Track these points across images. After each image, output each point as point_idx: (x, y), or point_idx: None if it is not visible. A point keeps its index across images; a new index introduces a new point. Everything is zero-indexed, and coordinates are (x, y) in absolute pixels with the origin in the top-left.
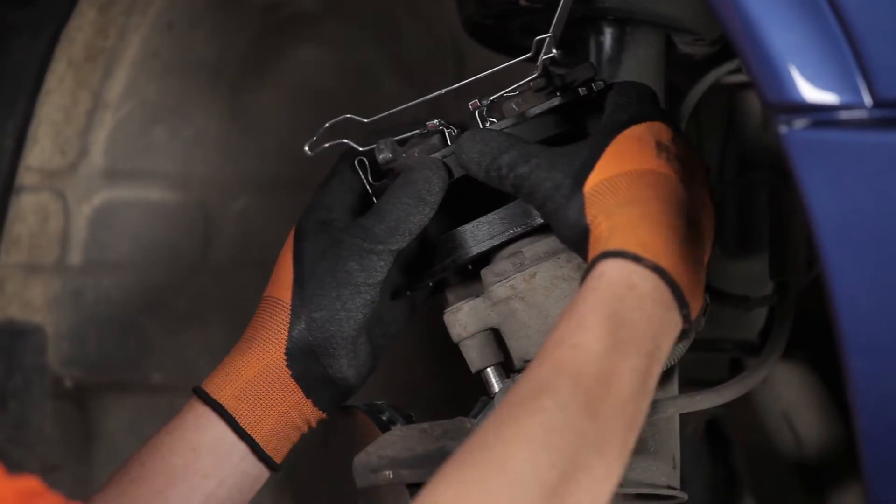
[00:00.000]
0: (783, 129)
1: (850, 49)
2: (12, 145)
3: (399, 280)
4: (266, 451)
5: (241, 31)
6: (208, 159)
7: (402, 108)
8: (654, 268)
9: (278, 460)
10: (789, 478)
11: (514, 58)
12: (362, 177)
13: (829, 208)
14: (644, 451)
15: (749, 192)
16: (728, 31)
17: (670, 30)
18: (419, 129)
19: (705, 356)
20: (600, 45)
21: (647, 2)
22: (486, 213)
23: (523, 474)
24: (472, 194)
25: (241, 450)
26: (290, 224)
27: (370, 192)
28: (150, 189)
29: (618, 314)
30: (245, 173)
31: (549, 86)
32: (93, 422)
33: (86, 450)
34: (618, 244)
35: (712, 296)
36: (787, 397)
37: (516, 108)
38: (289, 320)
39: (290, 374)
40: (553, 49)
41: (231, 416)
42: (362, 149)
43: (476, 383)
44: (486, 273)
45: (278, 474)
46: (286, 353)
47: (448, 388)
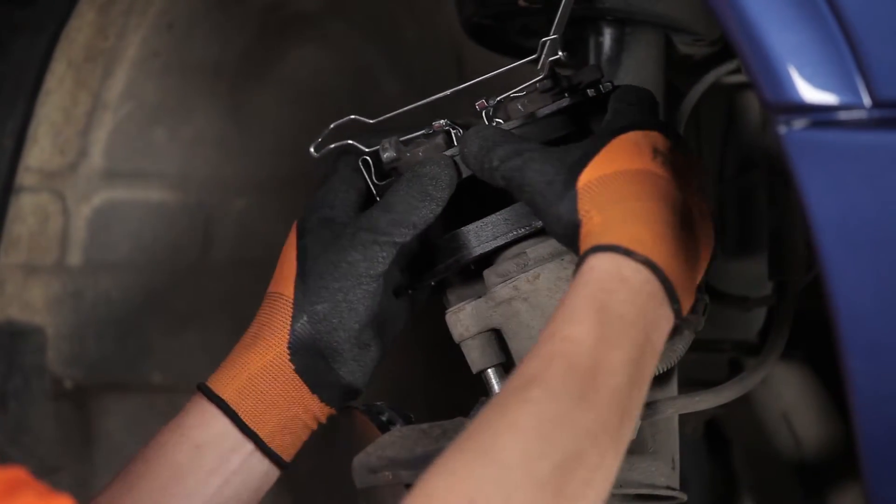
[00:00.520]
0: (782, 130)
1: (849, 49)
2: (12, 146)
3: (401, 278)
4: (272, 448)
5: (241, 31)
6: (208, 159)
7: (408, 108)
8: (645, 262)
9: (287, 458)
10: (788, 478)
11: (513, 58)
12: (366, 176)
13: (828, 208)
14: (643, 451)
15: (748, 193)
16: (727, 32)
17: (670, 30)
18: (425, 129)
19: (704, 356)
20: (600, 46)
21: (646, 2)
22: (489, 214)
23: (512, 463)
24: (477, 195)
25: (246, 446)
26: (291, 224)
27: (374, 193)
28: (150, 189)
29: (608, 307)
30: (245, 173)
31: (556, 87)
32: (92, 422)
33: (86, 450)
34: (609, 238)
35: (712, 296)
36: (786, 398)
37: (522, 108)
38: (291, 314)
39: (294, 369)
40: (559, 51)
41: (234, 411)
42: (368, 150)
43: (476, 384)
44: (488, 274)
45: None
46: (289, 348)
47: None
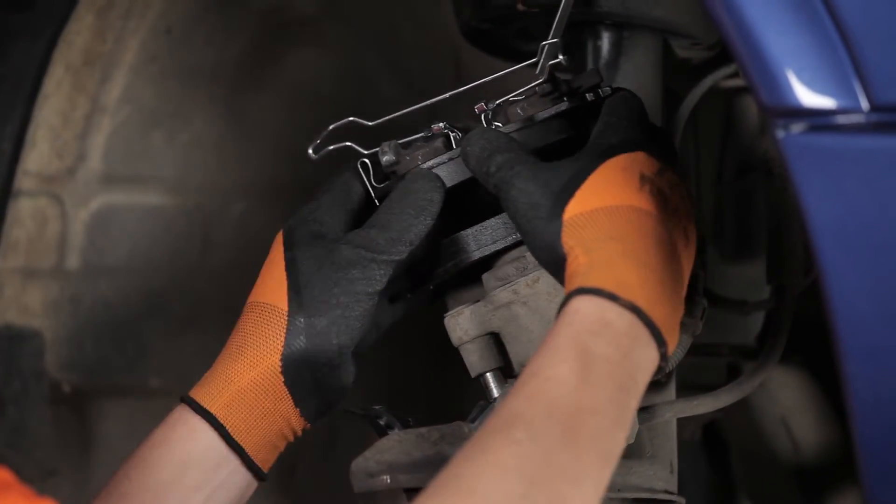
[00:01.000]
0: (780, 134)
1: (846, 53)
2: (10, 149)
3: (399, 284)
4: (255, 461)
5: (240, 34)
6: (206, 163)
7: (407, 111)
8: (629, 307)
9: (266, 470)
10: (787, 482)
11: (510, 61)
12: (364, 179)
13: (826, 212)
14: (642, 455)
15: (746, 196)
16: (725, 36)
17: (668, 34)
18: (424, 132)
19: (703, 360)
20: (598, 50)
21: (644, 6)
22: (489, 218)
23: (495, 503)
24: (476, 199)
25: (231, 461)
26: None
27: (373, 196)
28: (148, 193)
29: (592, 348)
30: (243, 177)
31: (555, 91)
32: (91, 426)
33: (84, 454)
34: (594, 281)
35: (710, 300)
36: (784, 402)
37: (521, 112)
38: (285, 327)
39: (283, 382)
40: (560, 55)
41: (222, 425)
42: (367, 152)
43: (474, 388)
44: (487, 277)
45: (278, 478)
46: (281, 360)
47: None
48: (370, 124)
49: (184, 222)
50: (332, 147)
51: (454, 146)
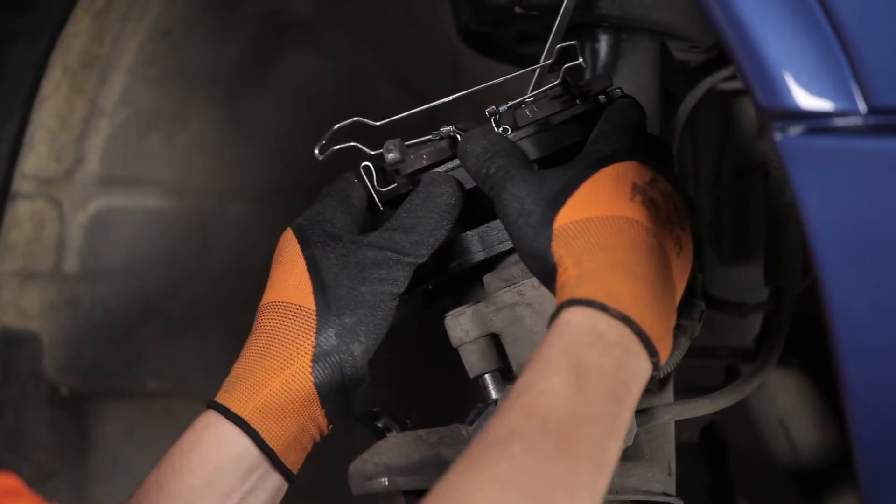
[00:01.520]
0: (778, 136)
1: (844, 56)
2: (8, 152)
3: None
4: (285, 464)
5: (238, 37)
6: (204, 166)
7: (413, 112)
8: (621, 318)
9: (295, 471)
10: (785, 484)
11: (508, 64)
12: (367, 183)
13: (824, 215)
14: (640, 457)
15: (745, 199)
16: (723, 38)
17: (666, 36)
18: (432, 134)
19: (701, 363)
20: (596, 52)
21: (642, 9)
22: (494, 219)
23: None
24: (481, 200)
25: (263, 465)
26: None
27: (377, 200)
28: (146, 196)
29: (585, 360)
30: (241, 180)
31: (566, 94)
32: (89, 429)
33: (82, 457)
34: (585, 292)
35: (708, 302)
36: (782, 404)
37: (531, 115)
38: (315, 327)
39: (313, 382)
40: (579, 57)
41: (255, 431)
42: (373, 152)
43: (472, 389)
44: (490, 278)
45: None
46: (312, 361)
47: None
48: (376, 124)
49: (182, 225)
50: (337, 147)
51: None
